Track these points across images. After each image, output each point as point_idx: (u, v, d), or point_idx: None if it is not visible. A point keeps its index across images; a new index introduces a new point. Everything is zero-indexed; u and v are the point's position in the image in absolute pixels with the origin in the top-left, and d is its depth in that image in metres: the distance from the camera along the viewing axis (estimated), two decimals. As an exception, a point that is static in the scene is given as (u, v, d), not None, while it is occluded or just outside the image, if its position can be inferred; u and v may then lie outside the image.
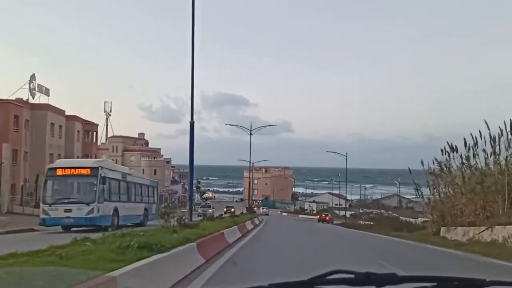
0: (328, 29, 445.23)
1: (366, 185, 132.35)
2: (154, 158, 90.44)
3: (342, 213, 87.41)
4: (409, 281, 1.55)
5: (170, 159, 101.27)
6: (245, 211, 49.80)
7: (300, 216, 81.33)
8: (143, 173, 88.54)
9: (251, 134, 38.25)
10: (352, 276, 1.50)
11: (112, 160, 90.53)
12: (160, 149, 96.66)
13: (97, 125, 59.15)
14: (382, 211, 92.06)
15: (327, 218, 55.79)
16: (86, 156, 56.70)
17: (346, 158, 56.70)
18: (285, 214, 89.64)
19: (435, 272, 1.99)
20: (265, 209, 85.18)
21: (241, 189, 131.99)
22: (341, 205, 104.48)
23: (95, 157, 60.97)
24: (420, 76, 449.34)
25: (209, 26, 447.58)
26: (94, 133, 58.98)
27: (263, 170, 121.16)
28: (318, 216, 59.24)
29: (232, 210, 58.16)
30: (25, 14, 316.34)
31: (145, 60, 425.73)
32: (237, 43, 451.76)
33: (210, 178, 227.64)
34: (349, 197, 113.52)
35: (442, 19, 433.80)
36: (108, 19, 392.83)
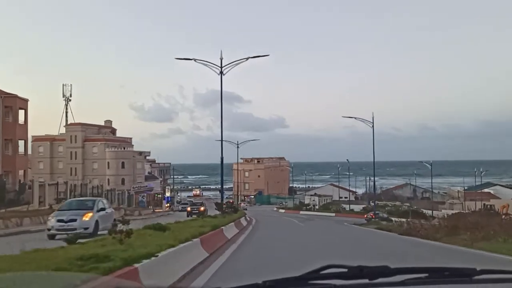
0: (319, 24, 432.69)
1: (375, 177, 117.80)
2: (124, 149, 75.03)
3: (351, 207, 74.53)
4: (401, 273, 1.55)
5: (149, 152, 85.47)
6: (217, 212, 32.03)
7: (301, 212, 66.46)
8: (108, 167, 73.15)
9: (221, 73, 22.99)
10: (345, 270, 1.50)
11: (71, 152, 75.89)
12: (131, 138, 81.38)
13: (25, 100, 43.61)
14: (397, 203, 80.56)
15: (373, 216, 48.93)
16: (7, 141, 41.49)
17: (373, 126, 41.68)
18: (282, 210, 74.73)
19: None
20: (242, 204, 71.08)
21: (232, 185, 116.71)
22: (346, 197, 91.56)
23: (25, 143, 45.86)
24: (412, 66, 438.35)
25: (201, 24, 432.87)
26: (22, 111, 43.57)
27: (255, 161, 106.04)
28: (366, 216, 52.04)
29: (202, 209, 43.06)
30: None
31: (135, 59, 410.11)
32: (230, 40, 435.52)
33: (201, 176, 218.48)
34: (353, 189, 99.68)
35: (437, 11, 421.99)
36: (99, 21, 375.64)
